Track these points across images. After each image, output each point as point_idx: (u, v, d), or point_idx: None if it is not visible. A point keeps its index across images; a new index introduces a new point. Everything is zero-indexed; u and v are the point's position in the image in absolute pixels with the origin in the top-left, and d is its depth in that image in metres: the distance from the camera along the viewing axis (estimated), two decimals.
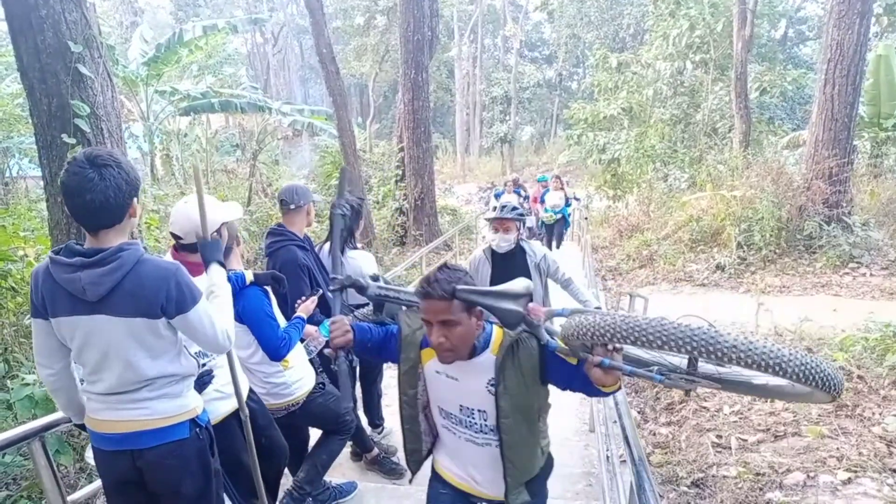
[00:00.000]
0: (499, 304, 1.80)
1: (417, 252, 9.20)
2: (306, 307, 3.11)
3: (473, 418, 2.04)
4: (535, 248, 4.22)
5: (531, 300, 1.85)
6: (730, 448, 4.75)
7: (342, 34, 35.57)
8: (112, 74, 4.43)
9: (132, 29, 28.58)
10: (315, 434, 3.54)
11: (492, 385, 1.96)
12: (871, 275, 9.42)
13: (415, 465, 2.24)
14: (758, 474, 4.31)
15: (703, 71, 18.24)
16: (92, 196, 1.90)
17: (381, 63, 31.60)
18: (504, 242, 4.06)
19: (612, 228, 15.18)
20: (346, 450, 3.79)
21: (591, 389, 1.77)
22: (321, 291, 3.31)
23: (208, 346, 2.14)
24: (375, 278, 2.35)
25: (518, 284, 1.87)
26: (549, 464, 2.23)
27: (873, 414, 4.86)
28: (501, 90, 37.79)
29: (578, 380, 1.75)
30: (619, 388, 1.73)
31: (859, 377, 5.47)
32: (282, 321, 2.95)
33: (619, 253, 12.92)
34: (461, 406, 2.05)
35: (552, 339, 1.87)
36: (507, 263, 4.06)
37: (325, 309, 3.46)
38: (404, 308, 2.24)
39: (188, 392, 2.19)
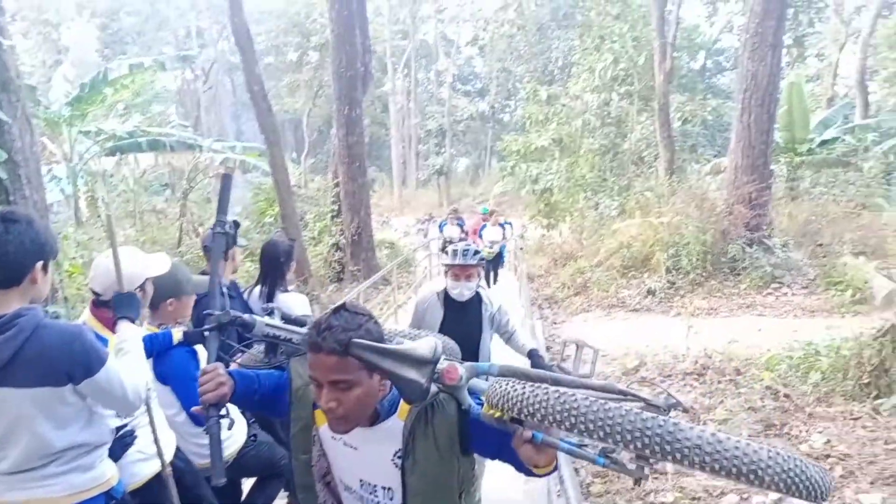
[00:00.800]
0: (398, 370, 1.41)
1: (355, 288, 9.11)
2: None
3: (376, 496, 1.66)
4: (493, 298, 3.89)
5: (436, 366, 1.44)
6: (666, 474, 4.83)
7: (274, 70, 35.45)
8: (31, 118, 4.29)
9: (55, 68, 27.78)
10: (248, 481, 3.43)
11: (399, 458, 1.58)
12: (793, 294, 9.85)
13: None
14: (694, 499, 4.38)
15: (629, 102, 18.96)
16: None
17: (315, 98, 31.63)
18: (467, 290, 3.69)
19: (547, 257, 15.44)
20: (282, 502, 3.67)
21: (522, 466, 1.40)
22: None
23: (118, 407, 2.04)
24: (269, 312, 2.04)
25: (424, 346, 1.44)
26: None
27: (800, 432, 5.03)
28: (436, 123, 38.31)
29: (509, 451, 1.38)
30: (555, 468, 1.40)
31: (786, 396, 5.67)
32: None
33: (555, 281, 13.12)
34: (361, 481, 1.67)
35: (476, 401, 1.52)
36: (462, 312, 3.75)
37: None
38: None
39: (101, 463, 2.07)
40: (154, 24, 40.34)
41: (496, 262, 12.66)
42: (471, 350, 3.59)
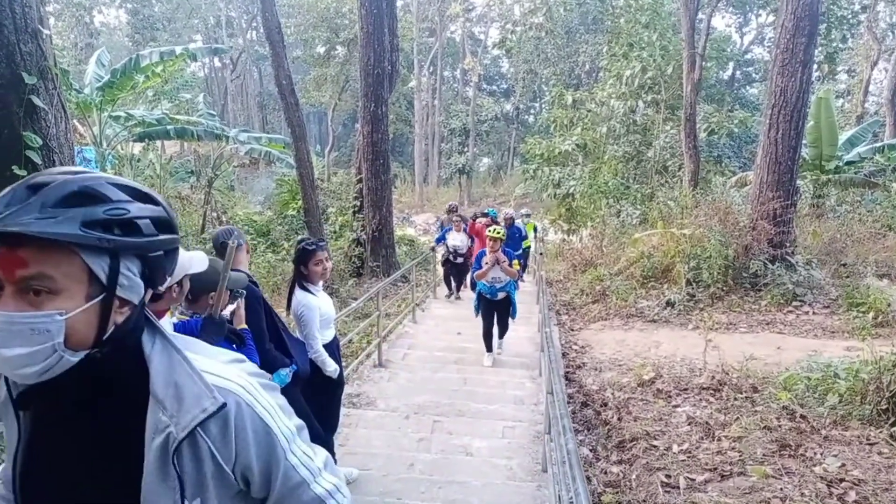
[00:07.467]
0: None
1: (376, 285, 9.19)
2: (240, 316, 3.08)
3: None
4: None
5: None
6: (678, 488, 4.82)
7: (302, 63, 35.65)
8: (66, 105, 4.37)
9: (87, 50, 28.24)
10: None
11: None
12: (814, 313, 9.72)
13: None
14: None
15: (655, 110, 18.86)
16: None
17: (342, 93, 31.76)
18: None
19: (567, 262, 15.37)
20: None
21: None
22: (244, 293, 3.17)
23: None
24: None
25: None
26: None
27: (815, 454, 4.99)
28: (460, 122, 38.31)
29: None
30: None
31: (802, 417, 5.62)
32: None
33: (574, 287, 13.06)
34: None
35: None
36: None
37: (280, 347, 3.42)
38: None
39: None
40: (184, 12, 40.78)
41: (503, 309, 7.92)
42: None
